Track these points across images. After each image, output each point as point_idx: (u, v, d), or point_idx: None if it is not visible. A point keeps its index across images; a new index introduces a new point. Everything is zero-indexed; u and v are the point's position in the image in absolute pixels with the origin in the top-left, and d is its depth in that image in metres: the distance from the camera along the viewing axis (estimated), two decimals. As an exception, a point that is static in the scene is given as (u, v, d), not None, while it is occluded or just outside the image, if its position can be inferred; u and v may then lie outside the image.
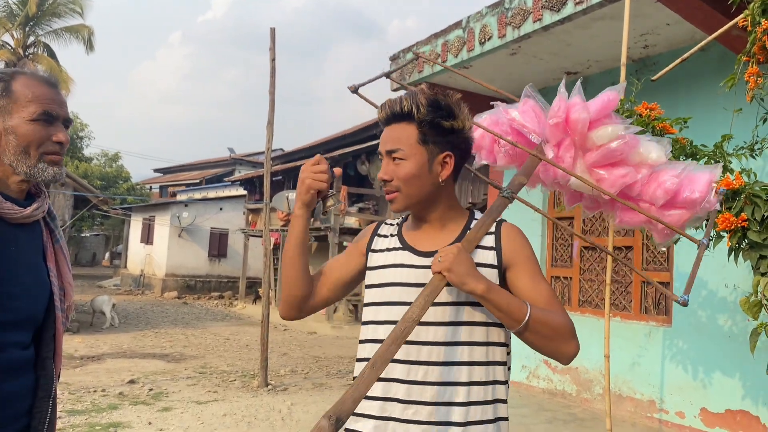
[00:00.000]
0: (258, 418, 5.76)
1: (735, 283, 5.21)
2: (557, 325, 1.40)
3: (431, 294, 1.36)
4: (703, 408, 5.45)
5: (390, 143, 1.52)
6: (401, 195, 1.52)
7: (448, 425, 1.40)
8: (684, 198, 1.83)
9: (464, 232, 1.55)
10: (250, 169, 29.19)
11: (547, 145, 1.80)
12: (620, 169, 1.79)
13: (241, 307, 18.60)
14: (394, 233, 1.63)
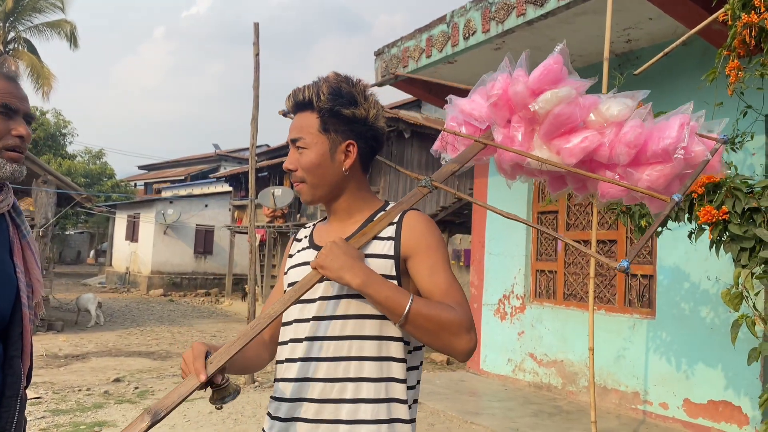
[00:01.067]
0: (245, 415, 5.75)
1: (717, 275, 5.26)
2: (444, 320, 1.30)
3: (299, 289, 1.34)
4: (687, 399, 5.51)
5: (293, 132, 1.50)
6: (307, 185, 1.50)
7: (337, 423, 1.36)
8: (654, 150, 1.57)
9: (367, 222, 1.50)
10: (235, 165, 29.03)
11: (496, 128, 1.67)
12: (579, 135, 1.59)
13: (227, 304, 18.52)
14: (308, 234, 1.61)
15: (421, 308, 1.30)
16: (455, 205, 10.43)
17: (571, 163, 1.60)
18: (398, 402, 1.39)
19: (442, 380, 7.50)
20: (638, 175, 1.60)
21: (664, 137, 1.55)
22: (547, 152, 1.63)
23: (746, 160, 5.00)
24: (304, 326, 1.44)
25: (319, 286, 1.43)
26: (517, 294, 7.54)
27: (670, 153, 1.56)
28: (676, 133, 1.55)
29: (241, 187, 21.36)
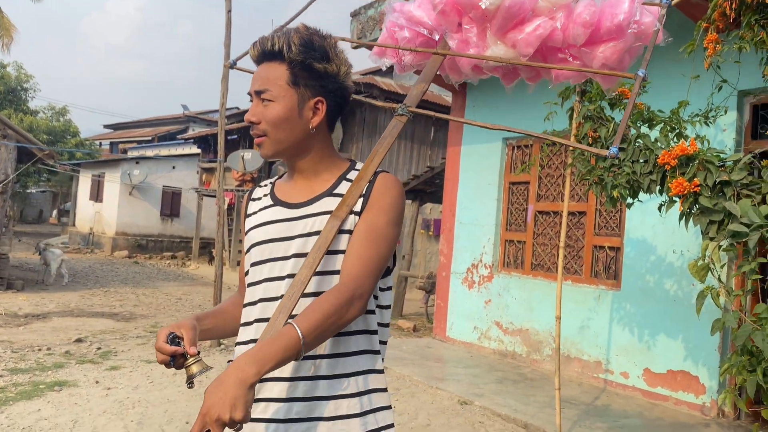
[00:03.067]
0: (209, 377, 5.67)
1: (683, 248, 5.35)
2: (331, 314, 1.24)
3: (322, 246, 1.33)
4: (647, 368, 5.64)
5: (258, 83, 1.42)
6: (269, 140, 1.43)
7: (317, 379, 1.35)
8: (608, 27, 1.59)
9: (339, 181, 1.45)
10: (204, 127, 28.51)
11: (449, 35, 1.64)
12: (532, 24, 1.59)
13: (194, 268, 18.34)
14: (267, 192, 1.54)
15: (311, 327, 1.21)
16: (427, 174, 10.39)
17: (528, 53, 1.60)
18: (373, 353, 1.43)
19: (408, 346, 7.56)
20: (593, 54, 1.63)
21: (617, 13, 1.58)
22: (502, 47, 1.62)
23: (717, 135, 5.05)
24: (277, 284, 1.39)
25: (292, 244, 1.40)
26: (485, 263, 7.59)
27: (624, 28, 1.59)
28: (627, 7, 1.59)
29: (209, 149, 21.00)
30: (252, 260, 1.46)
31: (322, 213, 1.40)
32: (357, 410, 1.38)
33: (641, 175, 3.47)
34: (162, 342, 1.29)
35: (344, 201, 1.39)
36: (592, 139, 3.65)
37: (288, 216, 1.44)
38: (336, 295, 1.27)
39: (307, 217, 1.42)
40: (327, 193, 1.44)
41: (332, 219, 1.37)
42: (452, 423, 4.74)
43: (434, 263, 14.38)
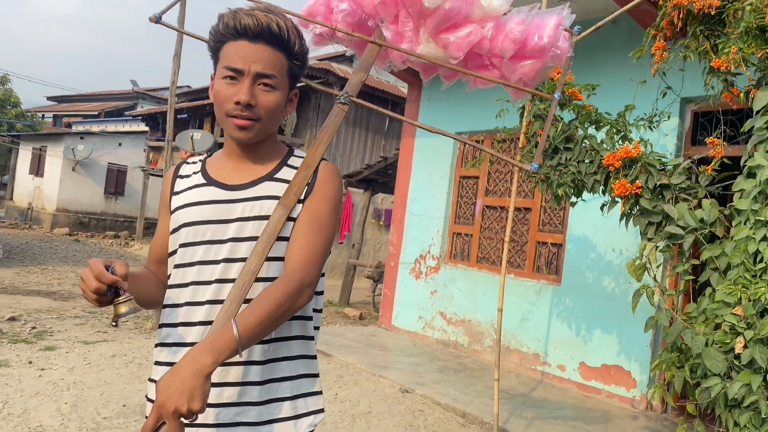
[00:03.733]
0: (150, 360, 5.60)
1: (622, 247, 5.54)
2: (275, 309, 1.24)
3: (273, 233, 1.31)
4: (582, 362, 5.83)
5: (263, 65, 1.35)
6: (260, 126, 1.38)
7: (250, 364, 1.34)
8: (533, 46, 1.69)
9: (280, 166, 1.45)
10: (153, 104, 27.76)
11: (385, 24, 1.67)
12: (464, 29, 1.66)
13: (137, 248, 17.90)
14: (197, 170, 1.49)
15: (249, 326, 1.19)
16: (380, 164, 10.41)
17: (458, 56, 1.67)
18: (307, 339, 1.44)
19: (353, 334, 7.59)
20: (513, 67, 1.73)
21: (542, 35, 1.69)
22: (434, 46, 1.68)
23: (660, 140, 5.23)
24: (212, 268, 1.37)
25: (229, 227, 1.38)
26: (433, 254, 7.68)
27: (547, 50, 1.71)
28: (552, 31, 1.70)
29: (158, 127, 20.48)
30: (182, 241, 1.41)
31: (264, 197, 1.39)
32: (290, 413, 1.39)
33: (586, 175, 3.57)
34: (101, 269, 1.17)
35: (291, 189, 1.38)
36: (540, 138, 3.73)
37: (225, 198, 1.40)
38: (286, 284, 1.27)
39: (246, 200, 1.39)
40: (268, 177, 1.42)
41: (280, 207, 1.35)
42: (393, 411, 4.80)
43: (383, 253, 14.44)
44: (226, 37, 1.37)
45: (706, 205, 3.07)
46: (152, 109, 22.19)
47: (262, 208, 1.38)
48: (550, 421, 4.81)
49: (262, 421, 1.35)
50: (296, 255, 1.34)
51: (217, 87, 1.38)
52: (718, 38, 3.22)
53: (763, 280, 2.63)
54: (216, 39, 1.40)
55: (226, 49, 1.37)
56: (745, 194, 2.86)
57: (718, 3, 3.08)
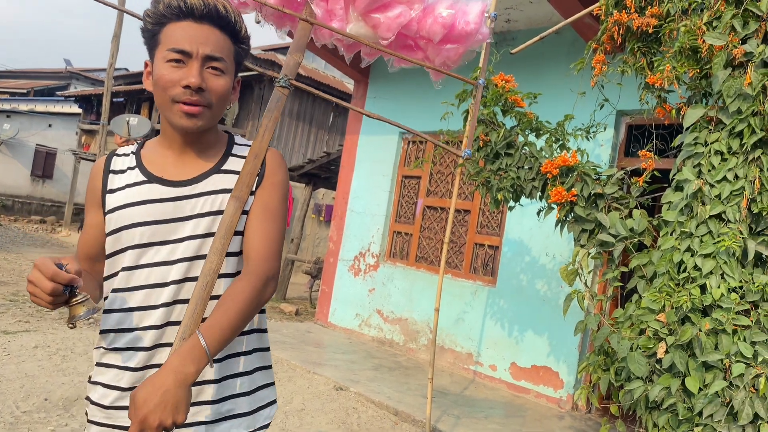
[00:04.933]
0: (75, 352, 5.40)
1: (556, 252, 5.71)
2: (242, 310, 1.23)
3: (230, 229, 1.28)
4: (513, 363, 5.98)
5: (213, 48, 1.29)
6: (210, 113, 1.32)
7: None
8: (459, 31, 1.77)
9: (226, 157, 1.40)
10: (88, 85, 26.68)
11: (315, 1, 1.68)
12: (394, 10, 1.69)
13: (65, 235, 17.19)
14: (133, 165, 1.39)
15: (219, 335, 1.18)
16: (323, 159, 10.35)
17: (388, 37, 1.71)
18: (261, 332, 1.45)
19: (289, 330, 7.53)
20: (438, 49, 1.80)
21: (469, 21, 1.78)
22: (363, 25, 1.71)
23: (595, 150, 5.42)
24: (166, 269, 1.31)
25: (184, 225, 1.33)
26: (372, 252, 7.70)
27: (472, 35, 1.81)
28: (478, 18, 1.81)
29: (92, 110, 19.68)
30: (126, 243, 1.33)
31: (215, 192, 1.34)
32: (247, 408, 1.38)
33: (525, 181, 3.66)
34: (53, 268, 1.09)
35: (242, 180, 1.33)
36: (483, 142, 3.80)
37: (172, 195, 1.34)
38: (252, 280, 1.26)
39: (196, 196, 1.34)
40: (215, 170, 1.37)
41: (233, 200, 1.31)
42: (326, 408, 4.79)
43: (322, 249, 14.38)
44: (168, 17, 1.29)
45: (636, 215, 3.20)
46: (86, 91, 21.32)
47: (214, 203, 1.33)
48: (480, 420, 4.91)
49: (219, 418, 1.33)
50: (256, 248, 1.31)
51: (159, 71, 1.29)
52: (654, 56, 3.37)
53: (686, 288, 2.76)
54: (155, 20, 1.30)
55: (169, 31, 1.29)
56: (672, 206, 3.00)
57: (656, 22, 3.21)
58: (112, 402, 1.32)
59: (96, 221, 1.40)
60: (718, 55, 2.85)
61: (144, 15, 1.33)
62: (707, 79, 3.01)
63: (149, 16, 1.31)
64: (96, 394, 1.35)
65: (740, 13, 2.82)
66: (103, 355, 1.36)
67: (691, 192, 2.86)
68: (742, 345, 2.51)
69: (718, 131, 2.87)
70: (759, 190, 2.71)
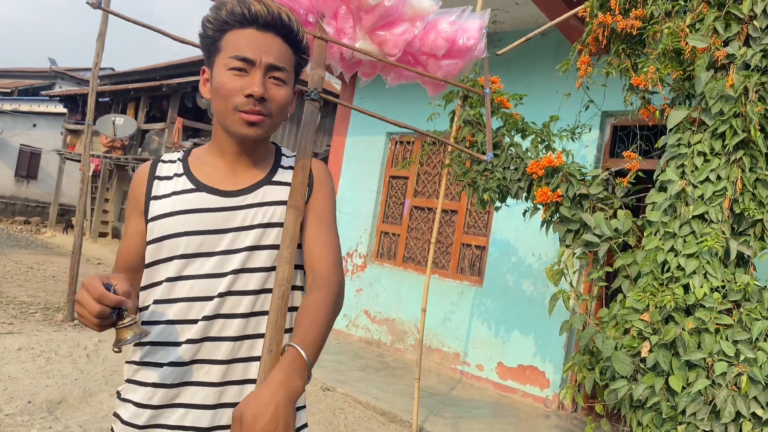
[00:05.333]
0: (59, 354, 5.35)
1: (541, 252, 5.74)
2: (329, 319, 1.22)
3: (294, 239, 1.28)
4: (500, 362, 6.00)
5: (275, 57, 1.26)
6: (270, 122, 1.29)
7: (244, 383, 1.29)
8: (460, 46, 1.83)
9: (275, 169, 1.38)
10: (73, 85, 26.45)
11: (326, 20, 1.68)
12: (399, 27, 1.72)
13: (50, 235, 17.03)
14: (180, 172, 1.35)
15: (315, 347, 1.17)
16: (325, 153, 10.34)
17: (394, 54, 1.75)
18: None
19: (276, 331, 7.50)
20: (438, 64, 1.86)
21: (470, 36, 1.85)
22: (369, 43, 1.75)
23: (581, 151, 5.45)
24: (215, 281, 1.27)
25: (239, 236, 1.30)
26: (360, 253, 7.70)
27: (472, 50, 1.88)
28: (477, 34, 1.88)
29: (77, 110, 19.53)
30: (171, 253, 1.28)
31: (266, 203, 1.32)
32: None
33: (511, 182, 3.68)
34: (101, 290, 1.06)
35: (296, 191, 1.33)
36: (470, 143, 3.82)
37: (222, 205, 1.30)
38: (328, 290, 1.25)
39: (247, 207, 1.31)
40: (266, 181, 1.34)
41: (292, 209, 1.30)
42: (313, 409, 4.78)
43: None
44: (230, 24, 1.26)
45: (620, 216, 3.23)
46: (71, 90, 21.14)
47: (265, 214, 1.31)
48: (467, 420, 4.92)
49: None
50: (323, 259, 1.30)
51: (220, 79, 1.26)
52: (639, 57, 3.39)
53: (669, 288, 2.79)
54: (216, 27, 1.27)
55: (231, 38, 1.26)
56: (656, 207, 3.03)
57: (640, 24, 3.24)
58: (147, 421, 1.26)
59: (138, 229, 1.35)
60: (700, 57, 2.88)
61: (204, 21, 1.30)
62: (690, 80, 3.04)
63: (210, 22, 1.29)
64: (127, 413, 1.29)
65: (722, 15, 2.85)
66: (137, 371, 1.30)
67: (674, 192, 2.89)
68: (725, 344, 2.54)
69: (701, 132, 2.90)
70: (741, 191, 2.74)
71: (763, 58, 2.72)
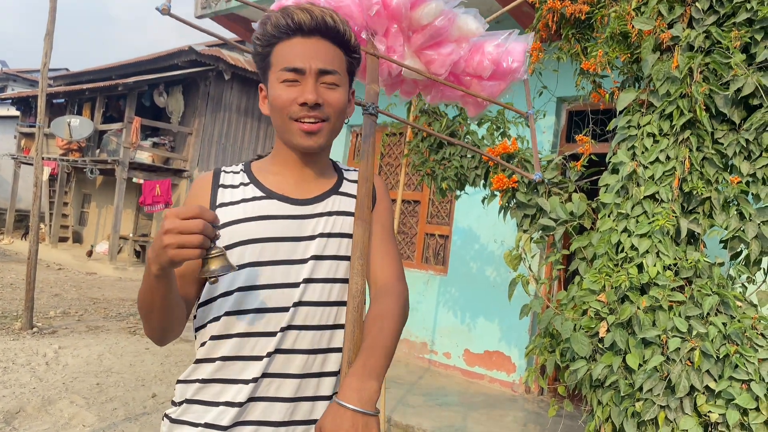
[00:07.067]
0: (17, 363, 5.21)
1: (502, 239, 5.79)
2: (397, 328, 1.23)
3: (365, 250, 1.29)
4: (467, 349, 6.05)
5: (324, 61, 1.24)
6: (330, 127, 1.27)
7: (316, 399, 1.27)
8: (504, 69, 1.84)
9: (341, 180, 1.38)
10: (26, 87, 25.71)
11: (377, 38, 1.69)
12: (446, 47, 1.75)
13: (7, 242, 16.56)
14: (246, 181, 1.32)
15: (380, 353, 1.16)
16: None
17: (440, 73, 1.77)
18: None
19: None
20: (481, 85, 1.88)
21: (514, 59, 1.86)
22: (417, 62, 1.77)
23: (537, 137, 5.50)
24: (289, 291, 1.23)
25: (310, 244, 1.27)
26: (324, 247, 7.68)
27: (515, 72, 1.88)
28: (520, 56, 1.88)
29: (31, 112, 18.97)
30: (242, 260, 1.23)
31: (335, 213, 1.31)
32: None
33: (468, 170, 3.69)
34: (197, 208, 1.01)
35: (362, 203, 1.32)
36: (426, 133, 3.82)
37: (296, 213, 1.28)
38: (396, 300, 1.26)
39: (319, 215, 1.29)
40: (334, 191, 1.34)
41: (360, 222, 1.29)
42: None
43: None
44: (277, 37, 1.25)
45: (575, 199, 3.27)
46: (24, 92, 20.52)
47: (335, 224, 1.30)
48: (435, 408, 4.95)
49: None
50: (388, 269, 1.32)
51: (275, 93, 1.25)
52: (588, 42, 3.43)
53: (624, 268, 2.83)
54: (265, 42, 1.27)
55: (279, 51, 1.25)
56: (609, 189, 3.07)
57: (588, 9, 3.27)
58: None
59: None
60: (646, 40, 2.92)
61: (253, 39, 1.29)
62: (638, 63, 3.08)
63: (258, 38, 1.28)
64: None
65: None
66: (200, 389, 1.23)
67: (626, 174, 2.93)
68: (678, 320, 2.59)
69: (650, 114, 2.95)
70: (689, 170, 2.80)
71: (706, 39, 2.77)
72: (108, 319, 7.73)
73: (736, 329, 2.47)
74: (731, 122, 2.79)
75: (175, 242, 1.00)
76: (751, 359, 2.42)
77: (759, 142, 2.66)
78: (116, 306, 8.86)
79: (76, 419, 4.05)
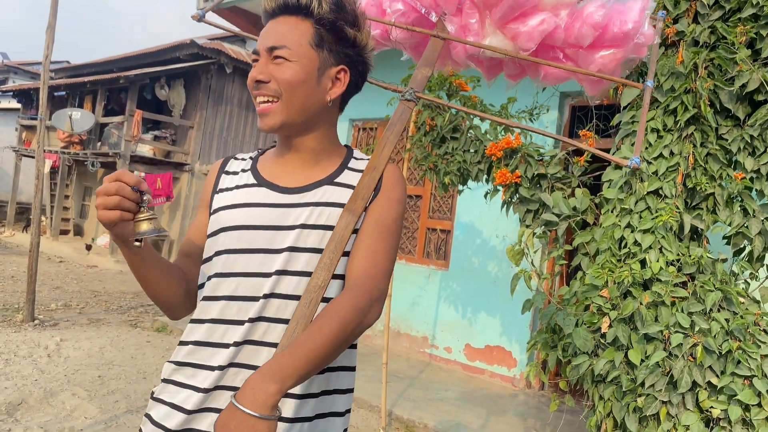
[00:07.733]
0: (19, 355, 5.22)
1: (504, 234, 5.79)
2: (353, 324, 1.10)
3: (340, 243, 1.17)
4: (468, 344, 6.06)
5: (273, 38, 1.22)
6: (281, 104, 1.22)
7: None
8: (614, 33, 1.54)
9: (341, 169, 1.30)
10: (27, 79, 25.69)
11: (447, 17, 1.56)
12: (535, 17, 1.53)
13: (8, 235, 16.58)
14: (247, 168, 1.32)
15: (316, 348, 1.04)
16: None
17: (529, 48, 1.55)
18: (352, 348, 1.32)
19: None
20: (590, 57, 1.58)
21: (626, 20, 1.54)
22: (501, 38, 1.57)
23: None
24: (259, 281, 1.20)
25: (287, 235, 1.21)
26: (325, 241, 7.68)
27: (631, 37, 1.55)
28: (637, 16, 1.55)
29: (32, 105, 18.97)
30: (222, 246, 1.23)
31: (324, 204, 1.24)
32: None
33: (471, 164, 3.69)
34: (122, 173, 1.06)
35: (357, 194, 1.23)
36: (429, 127, 3.81)
37: (280, 201, 1.24)
38: (353, 297, 1.12)
39: (304, 205, 1.23)
40: (327, 181, 1.27)
41: (347, 213, 1.20)
42: (282, 398, 4.76)
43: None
44: (264, 26, 1.28)
45: (578, 194, 3.26)
46: (25, 85, 20.50)
47: (321, 215, 1.22)
48: (435, 402, 4.96)
49: None
50: (362, 263, 1.19)
51: None
52: (592, 37, 3.42)
53: (627, 264, 2.83)
54: None
55: None
56: (612, 184, 3.07)
57: (592, 3, 3.26)
58: (179, 425, 1.19)
59: (201, 222, 1.34)
60: (651, 35, 2.91)
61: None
62: (642, 58, 3.07)
63: None
64: (158, 414, 1.23)
65: (671, -7, 2.88)
66: (175, 371, 1.25)
67: (629, 170, 2.93)
68: (680, 316, 2.59)
69: (654, 109, 2.94)
70: (693, 166, 2.80)
71: (711, 34, 2.77)
72: (109, 312, 7.75)
73: (738, 325, 2.47)
74: (736, 118, 2.78)
75: (100, 203, 1.06)
76: (754, 355, 2.42)
77: (763, 138, 2.65)
78: (117, 299, 8.88)
79: (78, 411, 4.06)
